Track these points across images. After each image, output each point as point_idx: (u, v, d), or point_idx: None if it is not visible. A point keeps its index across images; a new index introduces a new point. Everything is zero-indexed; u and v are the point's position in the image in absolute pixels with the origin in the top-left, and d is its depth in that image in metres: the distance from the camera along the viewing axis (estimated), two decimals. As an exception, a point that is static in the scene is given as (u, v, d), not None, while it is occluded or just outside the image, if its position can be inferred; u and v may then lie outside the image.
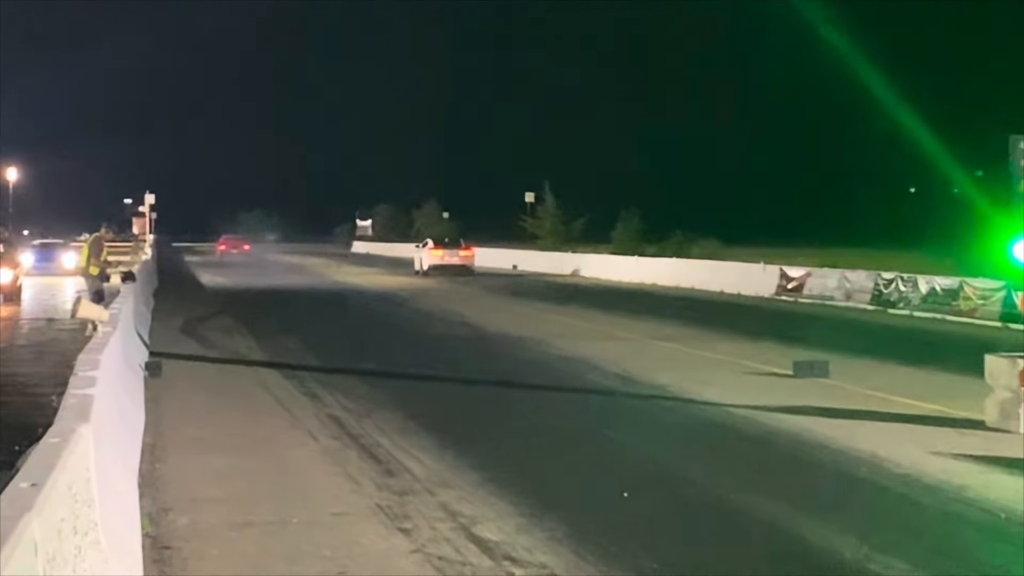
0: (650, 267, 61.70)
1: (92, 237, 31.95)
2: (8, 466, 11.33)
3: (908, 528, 11.70)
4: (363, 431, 16.38)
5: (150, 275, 47.58)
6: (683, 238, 78.59)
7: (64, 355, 21.33)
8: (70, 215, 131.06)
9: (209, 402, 18.94)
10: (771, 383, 21.53)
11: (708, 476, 14.04)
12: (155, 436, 15.61)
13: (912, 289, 40.35)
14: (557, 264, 72.92)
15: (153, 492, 12.51)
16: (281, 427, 16.80)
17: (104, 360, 12.67)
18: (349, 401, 19.03)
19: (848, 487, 13.51)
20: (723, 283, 51.29)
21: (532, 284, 58.43)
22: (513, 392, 20.96)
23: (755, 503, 12.66)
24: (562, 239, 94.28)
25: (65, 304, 34.74)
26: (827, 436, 16.25)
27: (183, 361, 23.74)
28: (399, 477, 13.54)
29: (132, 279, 30.29)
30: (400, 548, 10.59)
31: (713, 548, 10.99)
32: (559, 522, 11.52)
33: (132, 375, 18.46)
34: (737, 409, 18.48)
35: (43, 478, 6.01)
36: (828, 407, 18.64)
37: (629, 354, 26.25)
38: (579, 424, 17.66)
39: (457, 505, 12.22)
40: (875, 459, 14.73)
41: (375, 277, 64.93)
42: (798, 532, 11.46)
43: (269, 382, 21.25)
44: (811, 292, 45.78)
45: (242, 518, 11.56)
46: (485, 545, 10.70)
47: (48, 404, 16.43)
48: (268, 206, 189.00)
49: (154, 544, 10.51)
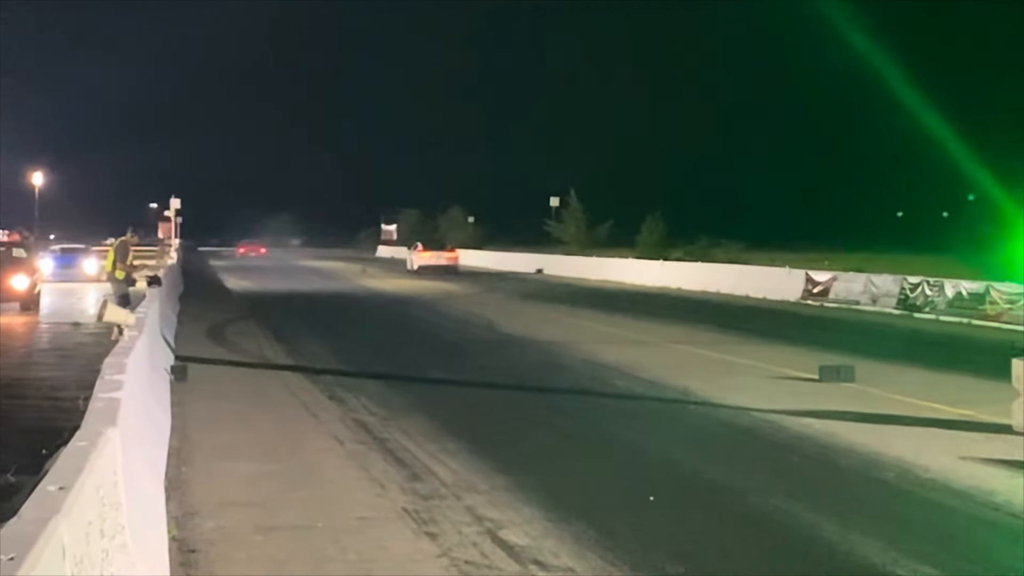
0: (675, 271, 61.69)
1: (118, 241, 32.01)
2: (35, 469, 11.37)
3: (937, 533, 11.64)
4: (389, 435, 16.38)
5: (176, 279, 47.72)
6: (708, 242, 78.48)
7: (90, 359, 21.37)
8: (96, 219, 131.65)
9: (235, 406, 18.95)
10: (797, 387, 21.46)
11: (734, 481, 13.99)
12: (181, 440, 15.64)
13: (938, 293, 40.23)
14: (582, 268, 72.95)
15: (180, 496, 12.52)
16: (307, 431, 16.80)
17: (131, 364, 12.69)
18: (374, 405, 19.03)
19: (875, 492, 13.45)
20: (748, 287, 51.24)
21: (557, 288, 58.40)
22: (538, 396, 20.93)
23: (782, 508, 12.61)
24: (587, 243, 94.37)
25: (86, 311, 34.76)
26: (853, 441, 16.19)
27: (209, 365, 23.77)
28: (425, 481, 13.53)
29: (158, 283, 30.37)
30: (426, 552, 10.58)
31: (740, 552, 10.95)
32: (585, 526, 11.49)
33: (158, 379, 18.49)
34: (763, 413, 18.43)
35: (71, 481, 6.01)
36: (854, 411, 18.57)
37: (654, 358, 26.21)
38: (605, 428, 17.62)
39: (483, 509, 12.21)
40: (902, 464, 14.67)
41: (400, 281, 64.98)
42: (825, 536, 11.41)
43: (294, 386, 21.27)
44: (837, 296, 45.68)
45: (268, 522, 11.56)
46: (511, 549, 10.68)
47: (74, 408, 16.45)
48: (294, 211, 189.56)
49: (180, 548, 10.51)
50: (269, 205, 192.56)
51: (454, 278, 68.27)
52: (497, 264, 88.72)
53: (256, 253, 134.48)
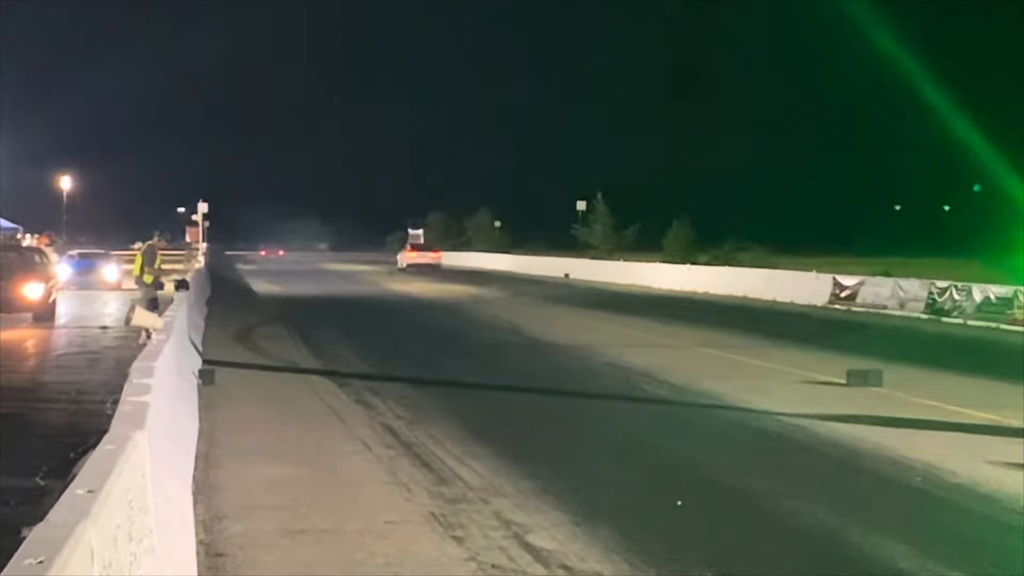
0: (702, 275, 61.69)
1: (145, 245, 32.15)
2: (64, 473, 11.42)
3: (964, 539, 11.61)
4: (416, 439, 16.38)
5: (203, 283, 47.76)
6: (735, 246, 78.42)
7: (118, 363, 21.46)
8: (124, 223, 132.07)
9: (262, 410, 18.99)
10: (824, 392, 21.43)
11: (762, 485, 13.95)
12: (208, 443, 15.67)
13: (966, 298, 40.14)
14: (609, 272, 72.94)
15: (207, 499, 12.54)
16: (334, 435, 16.82)
17: (158, 368, 12.72)
18: (402, 409, 19.04)
19: (903, 496, 13.42)
20: (775, 291, 51.19)
21: (583, 292, 58.40)
22: (565, 400, 20.92)
23: (810, 512, 12.58)
24: (614, 247, 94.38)
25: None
26: (881, 445, 16.16)
27: (236, 369, 23.81)
28: (452, 485, 13.53)
29: (185, 287, 30.42)
30: (453, 556, 10.58)
31: (768, 557, 10.92)
32: (612, 530, 11.48)
33: (186, 383, 18.52)
34: (791, 418, 18.40)
35: (99, 485, 6.01)
36: (882, 416, 18.54)
37: (681, 362, 26.19)
38: (632, 432, 17.60)
39: (510, 513, 12.20)
40: (930, 468, 14.63)
41: (426, 285, 65.04)
42: (853, 541, 11.37)
43: (322, 390, 21.29)
44: (864, 301, 45.62)
45: (296, 526, 11.57)
46: (538, 553, 10.67)
47: (102, 411, 16.53)
48: (322, 215, 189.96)
49: (208, 551, 10.53)
50: (297, 209, 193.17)
51: (472, 280, 69.49)
52: (524, 268, 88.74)
53: (275, 255, 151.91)
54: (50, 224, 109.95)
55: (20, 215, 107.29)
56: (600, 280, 70.32)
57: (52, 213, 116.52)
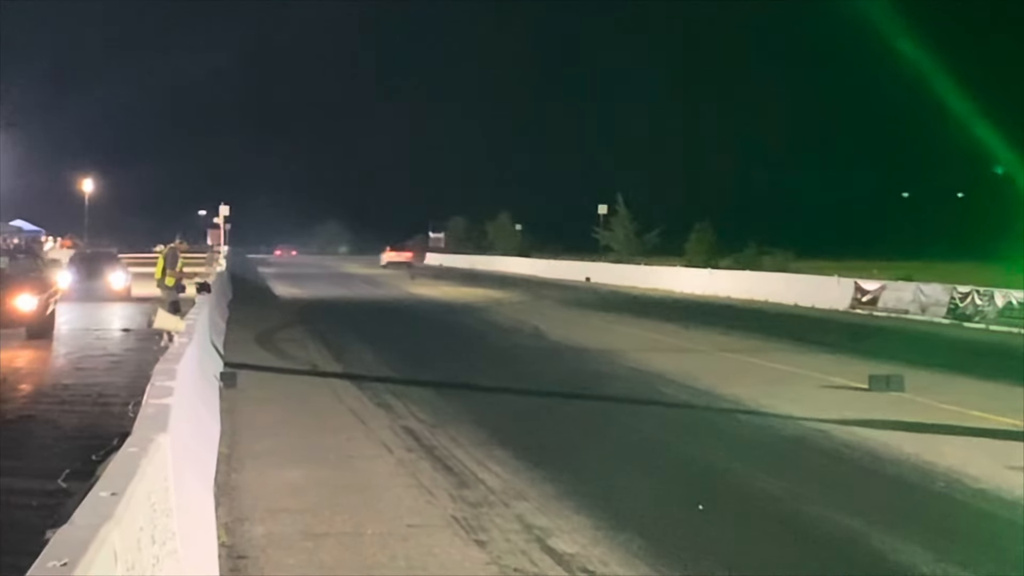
0: (723, 280, 61.59)
1: (167, 248, 32.21)
2: (87, 475, 11.44)
3: (987, 544, 11.57)
4: (437, 442, 16.38)
5: (224, 286, 47.78)
6: (756, 250, 78.37)
7: (140, 366, 21.50)
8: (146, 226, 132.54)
9: (284, 412, 19.00)
10: (846, 396, 21.38)
11: (783, 489, 13.93)
12: (230, 446, 15.69)
13: (988, 303, 40.03)
14: (630, 276, 72.89)
15: (229, 502, 12.56)
16: (355, 438, 16.82)
17: (180, 370, 12.74)
18: (423, 412, 19.04)
19: (925, 501, 13.38)
20: (797, 296, 51.12)
21: (605, 296, 58.41)
22: (587, 404, 20.90)
23: (831, 517, 12.55)
24: (635, 251, 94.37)
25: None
26: (903, 450, 16.12)
27: (258, 371, 23.85)
28: (474, 488, 13.53)
29: (207, 290, 30.48)
30: (475, 559, 10.57)
31: (789, 562, 10.89)
32: (634, 534, 11.47)
33: (208, 385, 18.56)
34: (812, 422, 18.36)
35: (122, 487, 6.03)
36: (904, 421, 18.50)
37: (703, 366, 26.16)
38: (653, 436, 17.59)
39: (532, 517, 12.19)
40: (952, 473, 14.59)
41: (448, 289, 65.11)
42: (875, 546, 11.34)
43: (343, 393, 21.31)
44: (886, 305, 45.53)
45: (318, 528, 11.58)
46: (560, 557, 10.67)
47: (124, 414, 16.57)
48: (342, 218, 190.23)
49: (230, 554, 10.54)
50: (317, 213, 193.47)
51: (493, 284, 69.34)
52: (544, 272, 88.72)
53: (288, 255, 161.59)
54: (72, 227, 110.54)
55: (43, 218, 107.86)
56: (621, 284, 70.25)
57: (75, 216, 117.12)
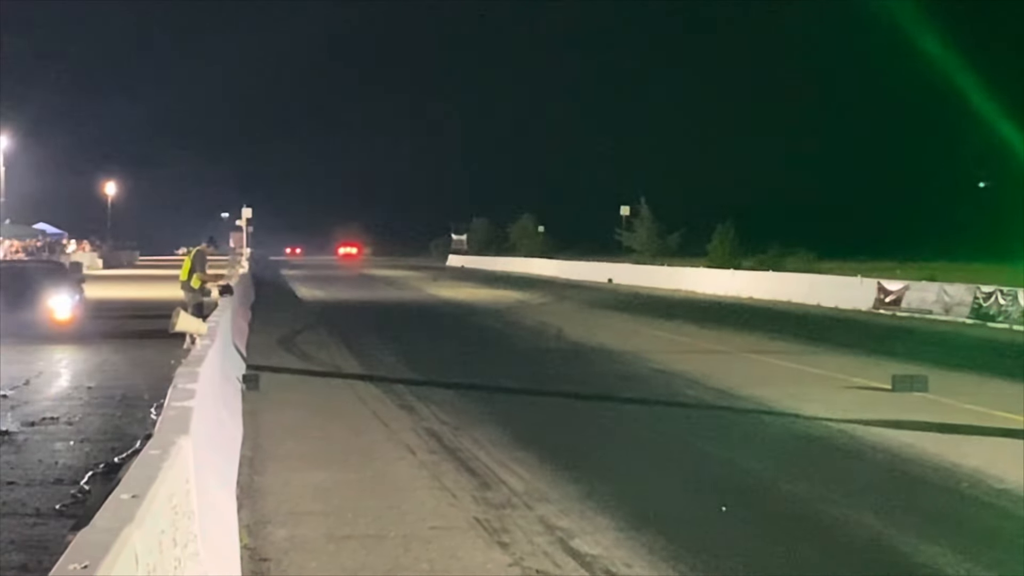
0: (746, 280, 61.50)
1: (195, 251, 32.19)
2: (108, 477, 11.42)
3: (1013, 545, 11.50)
4: (460, 444, 16.36)
5: (247, 288, 47.85)
6: (779, 251, 78.22)
7: (162, 368, 21.50)
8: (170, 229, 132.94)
9: (306, 415, 18.99)
10: (870, 397, 21.31)
11: (808, 491, 13.88)
12: (253, 449, 15.69)
13: (1012, 303, 39.90)
14: (652, 278, 72.83)
15: (251, 504, 12.55)
16: (378, 440, 16.81)
17: (203, 373, 12.73)
18: (445, 414, 19.02)
19: (950, 503, 13.31)
20: (820, 297, 51.03)
21: (627, 298, 58.34)
22: (610, 406, 20.84)
23: (856, 518, 12.49)
24: (657, 252, 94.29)
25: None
26: (927, 451, 16.06)
27: (280, 374, 23.87)
28: (497, 490, 13.50)
29: (230, 292, 30.47)
30: (498, 561, 10.54)
31: (812, 563, 10.84)
32: (658, 536, 11.42)
33: (230, 388, 18.56)
34: (836, 423, 18.31)
35: (144, 490, 6.01)
36: (928, 421, 18.43)
37: (727, 368, 26.12)
38: (677, 438, 17.55)
39: (555, 519, 12.16)
40: (976, 474, 14.52)
41: (470, 291, 65.11)
42: (900, 548, 11.28)
43: (366, 395, 21.30)
44: (909, 306, 45.41)
45: (340, 531, 11.56)
46: (583, 559, 10.63)
47: (146, 416, 16.59)
48: (364, 220, 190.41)
49: (252, 556, 10.52)
50: (341, 215, 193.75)
51: (516, 285, 69.71)
52: (567, 273, 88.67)
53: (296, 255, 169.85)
54: (96, 230, 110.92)
55: (67, 221, 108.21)
56: (644, 285, 70.20)
57: (98, 219, 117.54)
